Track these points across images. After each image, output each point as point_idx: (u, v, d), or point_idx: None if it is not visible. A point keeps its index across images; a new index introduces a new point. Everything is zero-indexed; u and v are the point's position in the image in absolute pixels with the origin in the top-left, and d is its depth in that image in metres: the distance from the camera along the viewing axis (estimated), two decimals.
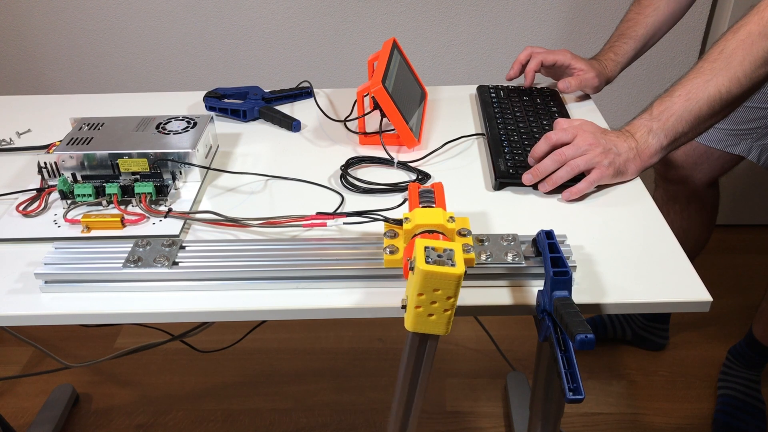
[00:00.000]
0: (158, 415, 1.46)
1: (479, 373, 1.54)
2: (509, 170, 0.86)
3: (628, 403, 1.45)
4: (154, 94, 1.18)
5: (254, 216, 0.78)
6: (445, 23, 1.66)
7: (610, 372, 1.53)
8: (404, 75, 1.03)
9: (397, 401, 0.65)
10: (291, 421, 1.44)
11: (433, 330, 0.56)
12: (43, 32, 1.69)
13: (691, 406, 1.44)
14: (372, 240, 0.71)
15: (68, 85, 1.77)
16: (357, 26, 1.66)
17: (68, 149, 0.84)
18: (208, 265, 0.68)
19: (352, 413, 1.45)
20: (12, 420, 1.42)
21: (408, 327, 0.56)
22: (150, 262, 0.68)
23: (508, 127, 0.97)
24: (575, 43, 1.67)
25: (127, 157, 0.84)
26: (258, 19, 1.66)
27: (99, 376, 1.56)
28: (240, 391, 1.51)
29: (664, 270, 0.69)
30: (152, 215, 0.79)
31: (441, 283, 0.53)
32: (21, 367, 1.59)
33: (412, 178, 0.89)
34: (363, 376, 1.54)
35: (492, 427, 1.41)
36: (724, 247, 1.88)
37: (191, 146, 0.85)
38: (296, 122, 1.03)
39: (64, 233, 0.77)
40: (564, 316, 0.54)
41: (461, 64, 1.71)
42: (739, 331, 1.61)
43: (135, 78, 1.76)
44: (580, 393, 0.53)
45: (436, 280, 0.52)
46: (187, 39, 1.69)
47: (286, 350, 1.62)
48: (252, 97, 1.09)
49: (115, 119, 0.92)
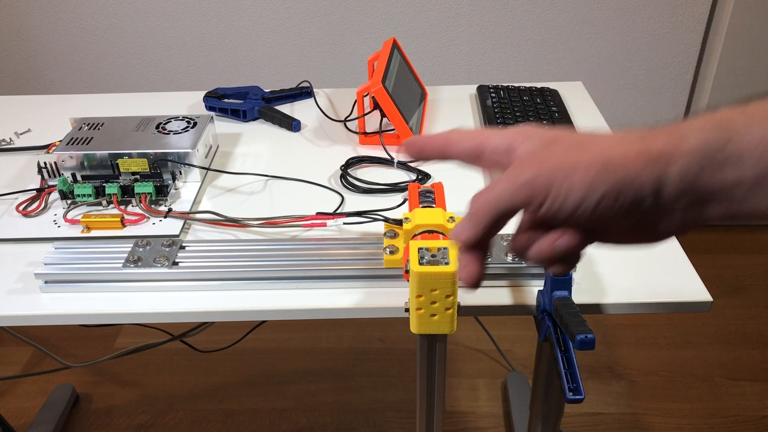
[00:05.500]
0: (158, 415, 1.46)
1: (479, 373, 1.54)
2: None
3: (628, 403, 1.45)
4: (154, 94, 1.18)
5: (254, 216, 0.78)
6: (445, 23, 1.66)
7: (610, 372, 1.53)
8: (404, 75, 1.03)
9: (419, 405, 0.65)
10: (291, 421, 1.44)
11: (439, 330, 0.56)
12: (42, 32, 1.68)
13: (691, 406, 1.44)
14: (372, 240, 0.71)
15: (68, 85, 1.77)
16: (357, 26, 1.66)
17: (68, 149, 0.84)
18: (208, 265, 0.68)
19: (352, 413, 1.45)
20: (12, 420, 1.42)
21: (413, 330, 0.56)
22: (150, 262, 0.68)
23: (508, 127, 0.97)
24: (576, 43, 1.67)
25: (127, 157, 0.84)
26: (258, 19, 1.66)
27: (99, 376, 1.56)
28: (240, 391, 1.51)
29: (664, 270, 0.69)
30: (152, 215, 0.79)
31: (437, 282, 0.52)
32: (21, 367, 1.59)
33: (412, 178, 0.89)
34: (363, 376, 1.54)
35: (492, 427, 1.41)
36: (724, 247, 1.88)
37: (191, 146, 0.85)
38: (296, 122, 1.03)
39: (64, 233, 0.77)
40: (564, 316, 0.54)
41: (461, 64, 1.71)
42: (738, 331, 1.61)
43: (135, 78, 1.76)
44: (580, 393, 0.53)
45: (431, 280, 0.52)
46: (187, 39, 1.69)
47: (286, 350, 1.62)
48: (252, 97, 1.09)
49: (114, 119, 0.92)
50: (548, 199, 0.37)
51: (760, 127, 0.33)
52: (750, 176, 0.33)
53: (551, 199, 0.37)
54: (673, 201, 0.36)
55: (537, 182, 0.37)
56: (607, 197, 0.36)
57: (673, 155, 0.35)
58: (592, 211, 0.36)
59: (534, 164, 0.38)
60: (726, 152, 0.34)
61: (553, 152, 0.38)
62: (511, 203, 0.38)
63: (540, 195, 0.37)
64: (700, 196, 0.35)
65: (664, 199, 0.36)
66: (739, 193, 0.34)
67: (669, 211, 0.36)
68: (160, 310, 0.66)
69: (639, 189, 0.35)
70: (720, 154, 0.34)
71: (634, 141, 0.36)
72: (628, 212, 0.36)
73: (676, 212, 0.36)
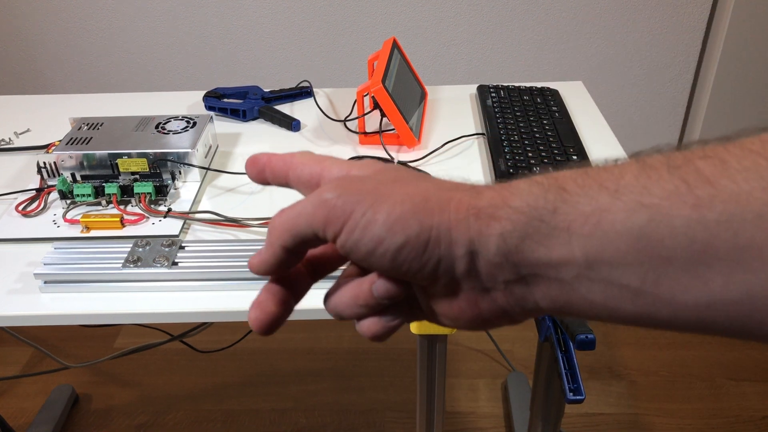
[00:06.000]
0: (158, 416, 1.45)
1: (479, 373, 1.54)
2: (509, 170, 0.86)
3: (629, 403, 1.45)
4: (154, 94, 1.18)
5: (254, 216, 0.78)
6: (445, 23, 1.66)
7: (610, 372, 1.53)
8: (404, 74, 1.03)
9: (419, 406, 0.65)
10: (291, 421, 1.44)
11: (439, 330, 0.56)
12: (42, 32, 1.68)
13: (691, 406, 1.44)
14: None
15: (67, 85, 1.76)
16: (357, 25, 1.66)
17: (67, 149, 0.84)
18: (208, 265, 0.68)
19: (352, 413, 1.45)
20: (11, 420, 1.42)
21: (414, 330, 0.56)
22: (149, 262, 0.68)
23: (508, 127, 0.97)
24: (576, 43, 1.67)
25: (126, 156, 0.84)
26: (258, 18, 1.66)
27: (98, 376, 1.56)
28: (240, 392, 1.51)
29: None
30: (152, 215, 0.79)
31: None
32: (20, 367, 1.59)
33: None
34: (363, 376, 1.54)
35: (492, 427, 1.41)
36: None
37: (191, 146, 0.85)
38: (296, 122, 1.03)
39: (64, 233, 0.77)
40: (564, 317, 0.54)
41: (461, 64, 1.71)
42: None
43: (134, 78, 1.76)
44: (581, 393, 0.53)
45: None
46: (187, 38, 1.69)
47: (286, 350, 1.62)
48: (251, 96, 1.09)
49: (114, 119, 0.92)
50: (346, 226, 0.30)
51: (592, 198, 0.26)
52: (579, 257, 0.27)
53: (349, 227, 0.29)
54: (492, 271, 0.29)
55: (337, 203, 0.30)
56: (413, 244, 0.29)
57: (495, 213, 0.28)
58: (393, 257, 0.29)
59: (342, 185, 0.31)
60: (552, 223, 0.27)
61: (369, 179, 0.32)
62: (309, 223, 0.31)
63: (338, 220, 0.30)
64: (523, 271, 0.28)
65: (480, 267, 0.29)
66: (568, 276, 0.27)
67: (489, 284, 0.30)
68: (160, 311, 0.66)
69: (451, 245, 0.29)
70: (545, 224, 0.27)
71: (462, 189, 0.30)
72: (438, 273, 0.29)
73: (498, 289, 0.30)
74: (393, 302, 0.32)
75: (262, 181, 0.37)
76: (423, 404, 0.66)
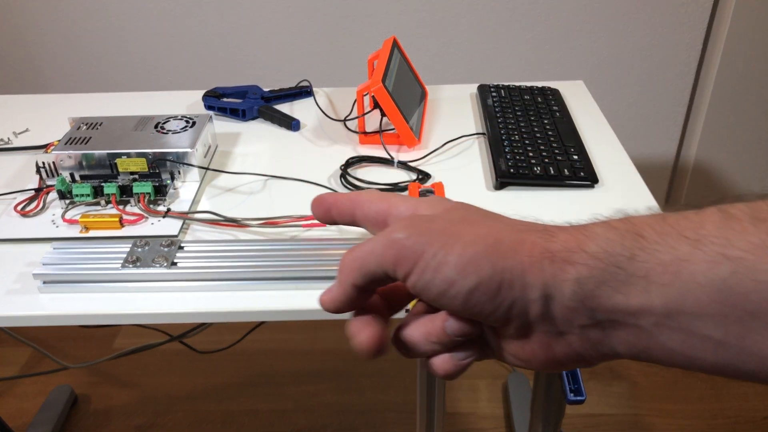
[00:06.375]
0: (157, 416, 1.45)
1: (479, 373, 1.54)
2: (510, 170, 0.86)
3: (630, 404, 1.45)
4: (153, 94, 1.18)
5: (253, 216, 0.77)
6: (445, 22, 1.65)
7: (611, 373, 1.52)
8: (404, 74, 1.02)
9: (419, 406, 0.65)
10: (290, 422, 1.43)
11: None
12: (41, 31, 1.68)
13: (692, 407, 1.44)
14: None
15: (66, 85, 1.76)
16: (357, 25, 1.66)
17: (66, 149, 0.84)
18: (207, 265, 0.68)
19: (352, 414, 1.45)
20: (10, 421, 1.42)
21: None
22: (149, 262, 0.67)
23: (508, 127, 0.97)
24: (577, 42, 1.67)
25: (125, 156, 0.83)
26: (257, 18, 1.66)
27: (98, 376, 1.55)
28: (239, 392, 1.51)
29: None
30: (151, 215, 0.79)
31: None
32: (19, 367, 1.59)
33: (412, 177, 0.89)
34: (363, 377, 1.53)
35: (493, 428, 1.41)
36: None
37: (190, 146, 0.85)
38: (296, 122, 1.03)
39: (63, 233, 0.76)
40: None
41: (461, 63, 1.71)
42: None
43: (133, 77, 1.75)
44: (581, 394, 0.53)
45: None
46: (186, 38, 1.69)
47: (285, 351, 1.61)
48: (251, 96, 1.09)
49: (113, 119, 0.91)
50: (417, 267, 0.29)
51: (671, 247, 0.26)
52: (658, 306, 0.26)
53: (420, 268, 0.29)
54: (567, 316, 0.28)
55: (407, 243, 0.30)
56: (485, 286, 0.28)
57: (570, 257, 0.28)
58: (466, 299, 0.29)
59: (412, 225, 0.31)
60: (630, 270, 0.26)
61: (438, 218, 0.31)
62: (379, 263, 0.31)
63: (409, 260, 0.29)
64: (600, 316, 0.28)
65: (555, 311, 0.28)
66: (647, 324, 0.27)
67: (564, 328, 0.29)
68: (159, 311, 0.66)
69: (524, 288, 0.28)
70: (622, 271, 0.27)
71: (534, 231, 0.30)
72: (511, 316, 0.29)
73: (573, 333, 0.29)
74: (466, 339, 0.32)
75: (329, 221, 0.37)
76: (423, 405, 0.65)
